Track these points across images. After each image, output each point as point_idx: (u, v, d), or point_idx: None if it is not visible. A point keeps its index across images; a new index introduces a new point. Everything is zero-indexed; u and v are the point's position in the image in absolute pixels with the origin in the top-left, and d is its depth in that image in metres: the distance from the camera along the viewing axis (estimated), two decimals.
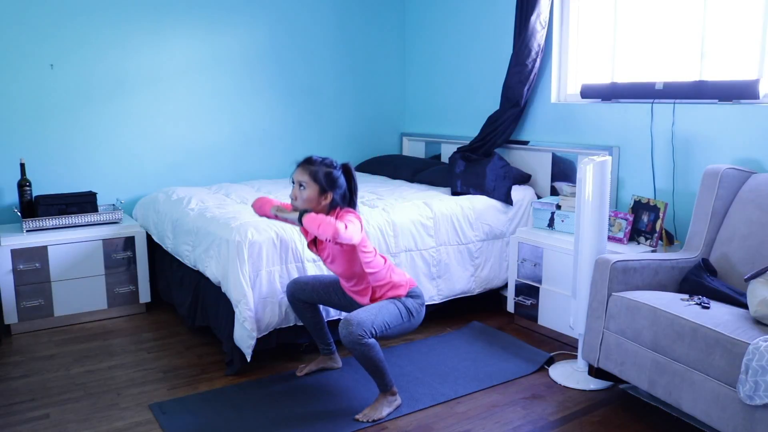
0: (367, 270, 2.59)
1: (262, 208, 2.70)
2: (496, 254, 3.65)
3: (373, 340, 2.47)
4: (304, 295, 2.83)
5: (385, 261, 2.67)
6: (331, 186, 2.56)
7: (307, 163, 2.58)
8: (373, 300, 2.64)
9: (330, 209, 2.58)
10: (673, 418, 2.56)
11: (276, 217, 2.64)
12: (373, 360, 2.48)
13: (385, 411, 2.57)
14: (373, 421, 2.52)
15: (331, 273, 2.88)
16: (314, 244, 2.70)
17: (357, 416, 2.54)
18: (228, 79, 4.38)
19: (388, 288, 2.63)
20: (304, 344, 3.14)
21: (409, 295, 2.64)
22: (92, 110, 3.95)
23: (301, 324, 2.99)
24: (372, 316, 2.48)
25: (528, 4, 3.72)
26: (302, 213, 2.51)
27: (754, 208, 2.65)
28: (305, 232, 2.69)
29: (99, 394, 2.77)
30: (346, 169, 2.63)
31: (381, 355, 2.51)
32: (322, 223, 2.40)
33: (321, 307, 2.92)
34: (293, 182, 2.60)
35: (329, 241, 2.41)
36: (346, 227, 2.40)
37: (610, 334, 2.55)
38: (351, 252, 2.56)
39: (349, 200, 2.63)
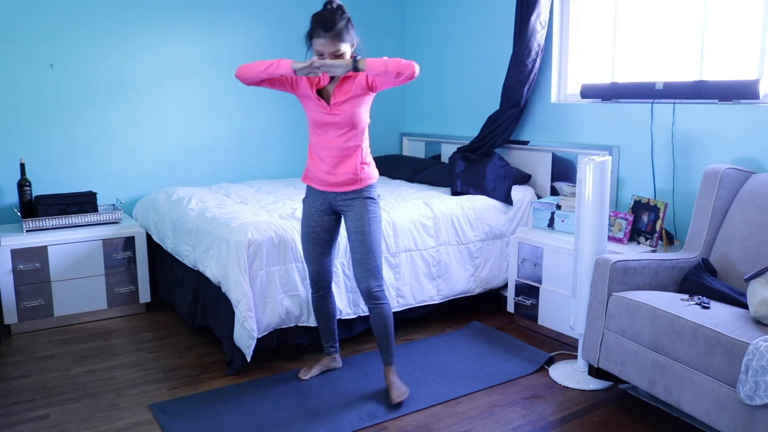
0: (365, 134, 2.57)
1: (278, 68, 2.34)
2: (496, 254, 3.65)
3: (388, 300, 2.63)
4: (328, 270, 2.78)
5: None
6: (353, 32, 2.36)
7: (333, 31, 2.27)
8: (360, 166, 2.55)
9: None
10: (673, 418, 2.56)
11: (305, 76, 2.39)
12: (387, 321, 2.63)
13: (404, 386, 2.69)
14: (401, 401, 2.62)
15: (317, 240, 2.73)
16: (320, 94, 2.50)
17: (395, 400, 2.60)
18: (228, 80, 4.37)
19: (370, 164, 2.62)
20: (304, 344, 3.14)
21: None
22: (92, 110, 3.95)
23: (302, 324, 2.99)
24: (374, 260, 2.57)
25: (528, 4, 3.72)
26: (356, 60, 2.33)
27: (754, 208, 2.65)
28: (318, 80, 2.47)
29: (99, 394, 2.77)
30: None
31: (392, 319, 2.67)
32: (399, 62, 2.22)
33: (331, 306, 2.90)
34: (315, 53, 2.33)
35: (403, 78, 2.26)
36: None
37: (610, 334, 2.55)
38: (369, 101, 2.50)
39: None
